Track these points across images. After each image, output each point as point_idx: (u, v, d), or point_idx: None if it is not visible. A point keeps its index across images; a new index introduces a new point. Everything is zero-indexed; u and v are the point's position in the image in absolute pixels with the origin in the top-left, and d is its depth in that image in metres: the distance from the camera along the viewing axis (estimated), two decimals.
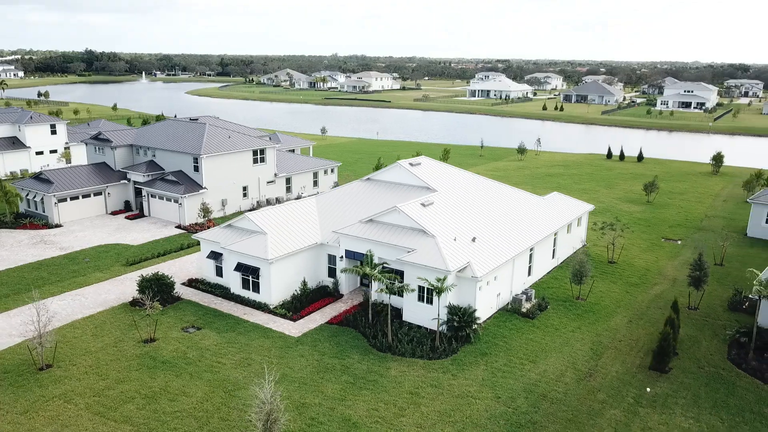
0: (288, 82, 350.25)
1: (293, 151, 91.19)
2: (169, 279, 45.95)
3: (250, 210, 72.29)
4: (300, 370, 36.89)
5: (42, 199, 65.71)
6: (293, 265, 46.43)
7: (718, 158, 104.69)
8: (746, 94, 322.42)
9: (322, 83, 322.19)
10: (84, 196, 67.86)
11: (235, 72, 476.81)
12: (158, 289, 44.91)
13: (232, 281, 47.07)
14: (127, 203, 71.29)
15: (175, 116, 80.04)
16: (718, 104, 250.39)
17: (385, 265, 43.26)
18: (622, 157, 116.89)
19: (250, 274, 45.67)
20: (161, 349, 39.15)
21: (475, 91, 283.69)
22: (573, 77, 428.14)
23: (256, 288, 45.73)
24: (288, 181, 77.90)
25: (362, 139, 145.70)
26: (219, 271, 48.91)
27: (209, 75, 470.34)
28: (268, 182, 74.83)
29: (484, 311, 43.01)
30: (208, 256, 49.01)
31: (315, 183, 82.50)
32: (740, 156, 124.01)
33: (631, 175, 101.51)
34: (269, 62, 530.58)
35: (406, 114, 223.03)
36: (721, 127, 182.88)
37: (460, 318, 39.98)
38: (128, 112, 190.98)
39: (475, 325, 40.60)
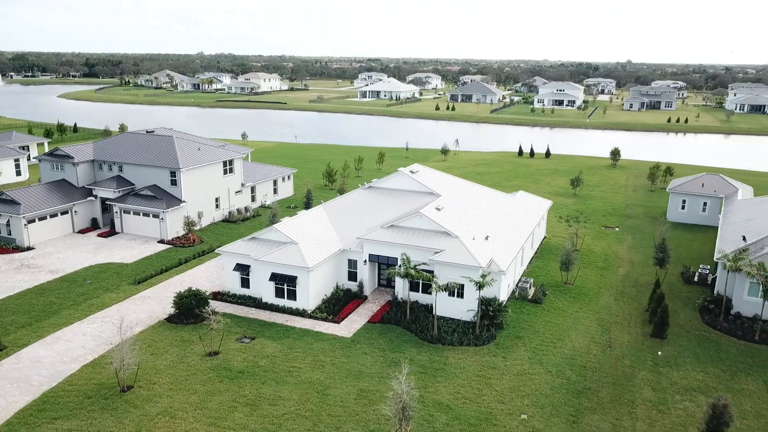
0: (170, 84, 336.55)
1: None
2: (204, 294, 47.16)
3: (223, 221, 73.06)
4: (371, 366, 40.49)
5: (8, 221, 62.28)
6: (325, 272, 49.48)
7: (615, 152, 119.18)
8: (602, 92, 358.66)
9: (208, 85, 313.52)
10: (51, 216, 65.08)
11: (103, 73, 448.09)
12: (196, 303, 46.09)
13: (264, 291, 49.08)
14: (94, 221, 69.09)
15: (147, 131, 77.85)
16: (584, 102, 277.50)
17: (416, 266, 47.68)
18: (532, 154, 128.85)
19: (285, 282, 48.07)
20: (229, 360, 40.85)
21: (366, 91, 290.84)
22: (447, 76, 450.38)
23: (292, 295, 48.21)
24: (253, 189, 79.13)
25: (282, 143, 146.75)
26: (245, 283, 50.58)
27: (74, 76, 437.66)
28: (236, 192, 75.72)
29: (503, 300, 48.92)
30: (234, 269, 50.48)
31: (275, 191, 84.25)
32: (623, 149, 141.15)
33: (548, 170, 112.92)
34: (141, 62, 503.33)
35: (304, 116, 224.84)
36: (596, 123, 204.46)
37: (494, 308, 45.52)
38: (13, 122, 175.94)
39: (506, 313, 46.40)
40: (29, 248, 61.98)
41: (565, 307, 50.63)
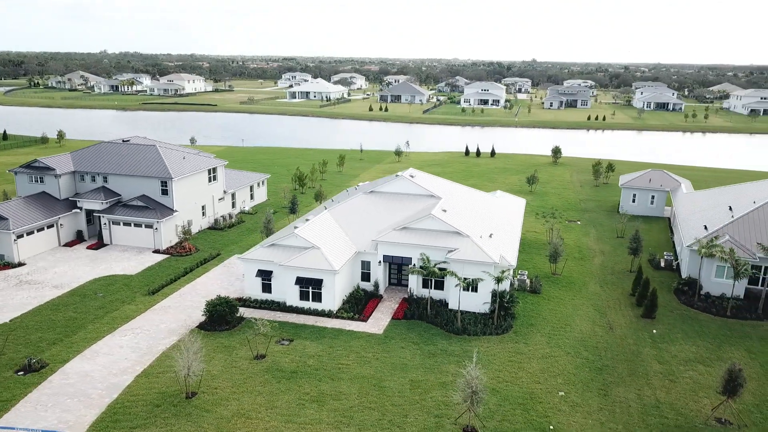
0: (84, 86, 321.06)
1: None
2: (234, 301, 48.71)
3: (210, 228, 73.62)
4: (412, 359, 43.79)
5: None
6: (346, 274, 52.17)
7: (556, 150, 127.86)
8: (520, 91, 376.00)
9: (128, 87, 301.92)
10: (38, 230, 63.52)
11: (4, 74, 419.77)
12: (228, 310, 47.63)
13: (289, 295, 51.13)
14: (79, 233, 67.86)
15: (123, 140, 76.56)
16: (507, 101, 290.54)
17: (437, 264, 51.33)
18: (478, 153, 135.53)
19: (310, 285, 50.38)
20: (278, 362, 42.86)
21: (295, 92, 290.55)
22: (369, 76, 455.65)
23: (317, 298, 50.59)
24: (233, 196, 79.90)
25: (231, 147, 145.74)
26: (266, 288, 52.37)
27: None
28: (219, 199, 76.35)
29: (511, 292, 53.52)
30: (256, 275, 52.12)
31: (251, 197, 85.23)
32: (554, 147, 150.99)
33: (498, 169, 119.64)
34: (46, 62, 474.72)
35: (237, 118, 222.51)
36: (524, 122, 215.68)
37: (507, 300, 49.98)
38: None
39: (517, 304, 51.00)
40: (20, 264, 60.38)
41: (561, 296, 55.93)
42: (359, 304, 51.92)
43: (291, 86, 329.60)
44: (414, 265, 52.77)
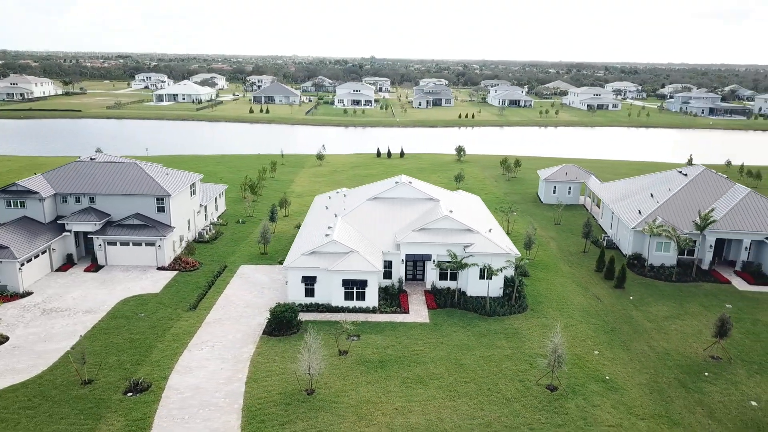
0: None
1: None
2: (296, 306, 52.92)
3: (195, 242, 74.71)
4: (469, 340, 51.44)
5: None
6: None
7: (460, 149, 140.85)
8: (381, 89, 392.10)
9: None
10: (35, 257, 61.29)
11: None
12: (292, 315, 51.84)
13: (335, 296, 56.14)
14: (69, 257, 66.00)
15: (92, 158, 73.96)
16: (376, 101, 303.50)
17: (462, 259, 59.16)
18: (389, 154, 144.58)
19: (355, 286, 55.88)
20: (361, 355, 48.20)
21: (162, 95, 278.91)
22: (226, 76, 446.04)
23: (360, 297, 56.22)
24: (206, 209, 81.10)
25: (137, 156, 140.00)
26: (309, 292, 56.79)
27: None
28: (197, 213, 77.44)
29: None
30: (301, 281, 56.33)
31: (216, 207, 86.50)
32: (441, 144, 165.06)
33: (416, 168, 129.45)
34: None
35: (108, 124, 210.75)
36: (404, 121, 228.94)
37: (518, 285, 59.40)
38: None
39: (525, 286, 60.65)
40: (27, 293, 58.27)
41: (545, 277, 66.62)
42: (393, 299, 58.30)
43: (155, 88, 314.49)
44: (434, 261, 60.27)
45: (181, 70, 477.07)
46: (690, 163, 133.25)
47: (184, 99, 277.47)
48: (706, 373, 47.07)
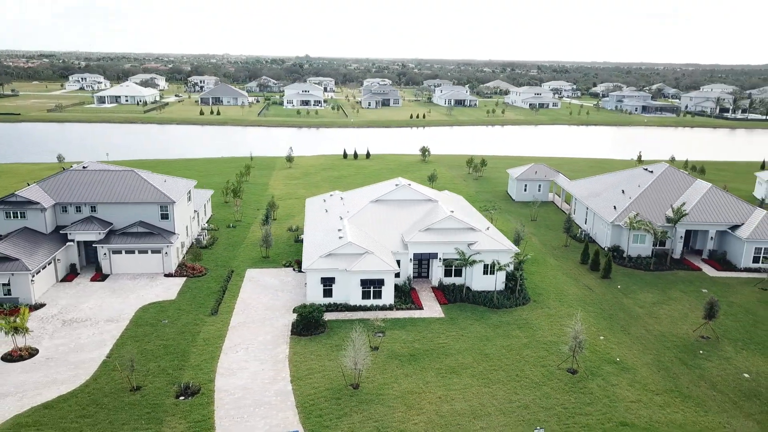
0: None
1: None
2: (322, 307, 55.16)
3: (193, 247, 75.22)
4: (485, 331, 55.12)
5: (9, 279, 56.89)
6: None
7: (424, 150, 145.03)
8: (326, 90, 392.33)
9: None
10: (42, 268, 60.69)
11: None
12: (319, 315, 54.07)
13: (353, 295, 58.63)
14: (73, 266, 65.46)
15: (84, 166, 72.95)
16: (325, 101, 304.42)
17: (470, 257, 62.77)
18: (355, 156, 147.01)
19: (372, 285, 58.59)
20: (391, 349, 51.00)
21: (104, 97, 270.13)
22: (167, 77, 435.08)
23: (377, 295, 58.98)
24: (198, 214, 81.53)
25: (104, 162, 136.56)
26: (327, 293, 59.04)
27: None
28: (192, 219, 77.90)
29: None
30: (320, 283, 58.50)
31: (204, 213, 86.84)
32: (400, 144, 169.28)
33: (385, 169, 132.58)
34: None
35: (53, 129, 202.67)
36: (358, 122, 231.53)
37: (519, 279, 63.67)
38: None
39: (525, 280, 65.01)
40: (40, 305, 57.78)
41: (536, 270, 71.29)
42: (406, 296, 61.34)
43: (91, 90, 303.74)
44: (440, 258, 63.73)
45: (115, 70, 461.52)
46: (640, 159, 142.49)
47: (127, 101, 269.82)
48: (701, 351, 52.61)
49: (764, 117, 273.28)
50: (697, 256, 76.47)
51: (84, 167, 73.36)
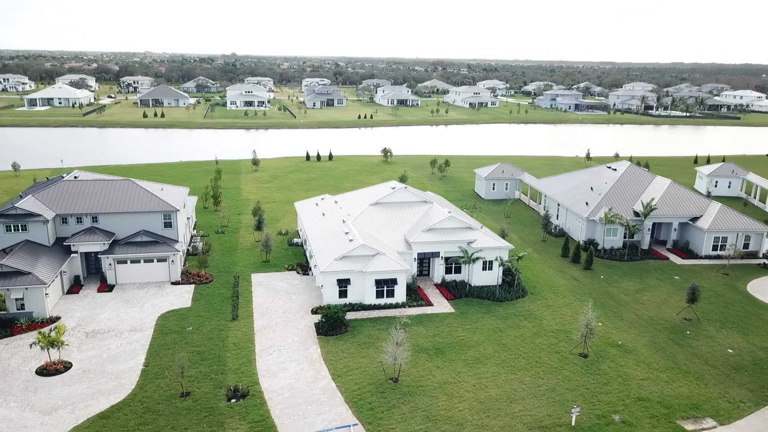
0: None
1: None
2: (344, 308, 57.68)
3: (192, 254, 75.68)
4: (496, 323, 59.28)
5: (23, 294, 56.17)
6: None
7: (386, 151, 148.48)
8: (268, 90, 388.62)
9: None
10: (51, 281, 60.03)
11: None
12: (343, 315, 56.63)
13: (367, 295, 61.41)
14: (77, 278, 64.85)
15: (76, 177, 71.59)
16: (269, 101, 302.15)
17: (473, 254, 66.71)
18: (318, 158, 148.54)
19: (385, 285, 61.60)
20: (416, 344, 54.10)
21: (35, 99, 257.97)
22: (96, 76, 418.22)
23: (390, 294, 62.04)
24: (189, 219, 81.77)
25: (58, 169, 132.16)
26: (342, 294, 61.52)
27: None
28: (186, 226, 78.21)
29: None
30: (336, 284, 60.91)
31: (188, 218, 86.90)
32: (355, 145, 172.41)
33: (352, 171, 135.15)
34: None
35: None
36: (309, 123, 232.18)
37: (516, 273, 68.33)
38: None
39: (521, 274, 69.78)
40: (55, 318, 57.33)
41: (525, 265, 76.07)
42: (413, 294, 64.68)
43: (15, 91, 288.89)
44: (442, 257, 67.47)
45: (36, 70, 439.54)
46: (588, 157, 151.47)
47: (60, 103, 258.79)
48: (688, 332, 58.80)
49: (685, 114, 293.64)
50: (663, 246, 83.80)
51: (75, 177, 72.36)
